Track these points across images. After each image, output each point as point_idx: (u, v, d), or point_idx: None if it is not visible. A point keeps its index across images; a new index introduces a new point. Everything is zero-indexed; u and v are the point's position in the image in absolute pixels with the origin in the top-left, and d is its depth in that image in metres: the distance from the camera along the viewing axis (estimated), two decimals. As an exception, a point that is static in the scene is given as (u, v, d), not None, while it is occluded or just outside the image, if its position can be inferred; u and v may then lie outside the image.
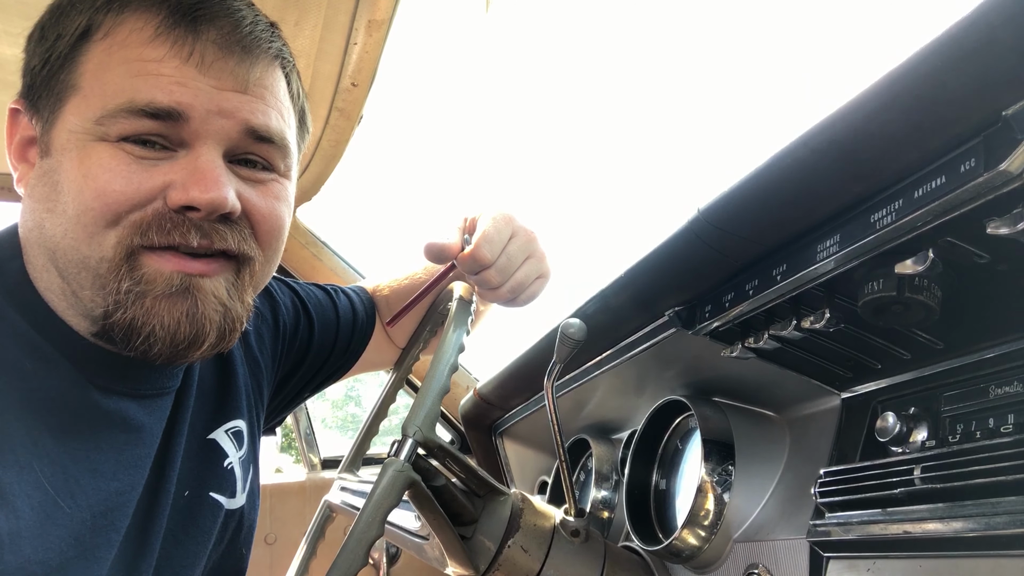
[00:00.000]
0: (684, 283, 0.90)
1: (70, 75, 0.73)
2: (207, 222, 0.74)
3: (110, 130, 0.71)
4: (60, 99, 0.73)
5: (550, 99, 30.69)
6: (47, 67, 0.73)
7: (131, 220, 0.71)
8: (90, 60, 0.73)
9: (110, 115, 0.70)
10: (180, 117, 0.72)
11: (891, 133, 0.60)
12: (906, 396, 0.78)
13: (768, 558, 0.86)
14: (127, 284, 0.71)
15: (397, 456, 0.81)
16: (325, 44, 1.31)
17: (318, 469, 3.10)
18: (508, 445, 1.75)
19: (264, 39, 0.78)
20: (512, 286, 1.00)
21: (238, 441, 0.99)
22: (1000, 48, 0.51)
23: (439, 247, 0.97)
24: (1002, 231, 0.56)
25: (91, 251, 0.71)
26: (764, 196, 0.73)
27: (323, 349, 1.17)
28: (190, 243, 0.73)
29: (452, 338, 0.93)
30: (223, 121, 0.74)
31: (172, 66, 0.72)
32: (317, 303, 1.18)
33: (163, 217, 0.72)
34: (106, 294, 0.72)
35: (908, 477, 0.68)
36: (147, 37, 0.72)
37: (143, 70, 0.71)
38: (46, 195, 0.73)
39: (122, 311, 0.72)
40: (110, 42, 0.73)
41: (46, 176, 0.73)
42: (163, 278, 0.73)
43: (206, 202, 0.72)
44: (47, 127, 0.74)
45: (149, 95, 0.70)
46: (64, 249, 0.72)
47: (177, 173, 0.72)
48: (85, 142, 0.71)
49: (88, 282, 0.72)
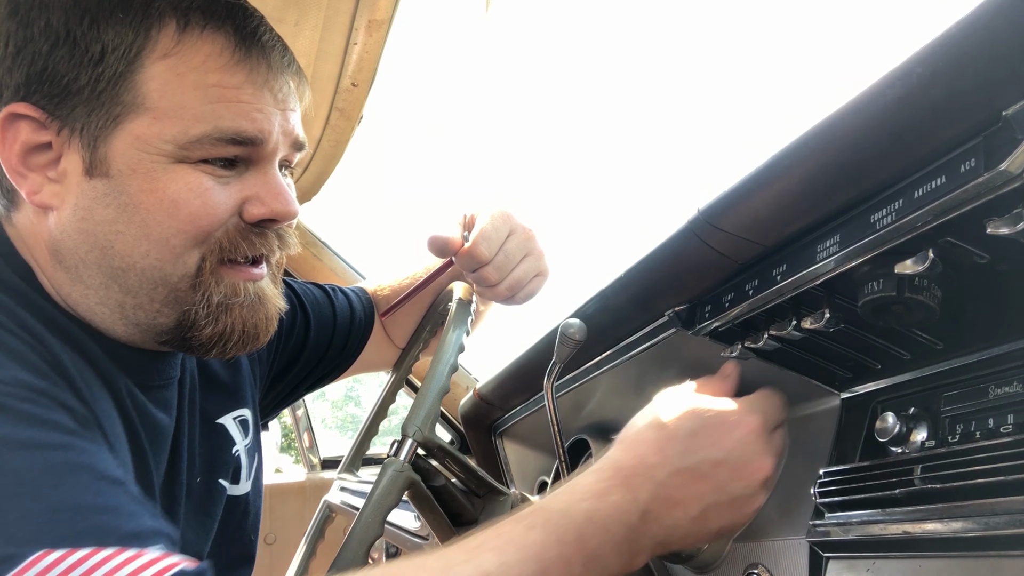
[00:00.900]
0: (684, 283, 0.90)
1: (127, 93, 0.71)
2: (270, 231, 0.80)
3: (191, 154, 0.72)
4: (116, 117, 0.72)
5: (550, 99, 30.53)
6: (94, 82, 0.71)
7: (215, 238, 0.75)
8: (153, 79, 0.72)
9: (194, 141, 0.72)
10: (260, 143, 0.75)
11: (891, 133, 0.60)
12: (906, 396, 0.78)
13: (768, 558, 0.86)
14: (217, 298, 0.76)
15: (397, 456, 0.81)
16: (325, 44, 1.31)
17: (318, 469, 3.10)
18: (508, 445, 1.75)
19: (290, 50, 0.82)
20: (510, 284, 1.00)
21: (244, 429, 1.01)
22: (1000, 48, 0.51)
23: (443, 240, 0.98)
24: (1002, 231, 0.56)
25: (174, 269, 0.75)
26: (764, 196, 0.73)
27: (319, 347, 1.17)
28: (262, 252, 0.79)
29: (452, 338, 0.93)
30: (284, 139, 0.79)
31: (250, 93, 0.74)
32: (314, 301, 1.18)
33: (244, 232, 0.77)
34: (186, 308, 0.76)
35: (908, 477, 0.68)
36: (224, 63, 0.73)
37: (224, 96, 0.73)
38: (112, 217, 0.72)
39: (212, 324, 0.77)
40: (177, 63, 0.72)
41: (107, 198, 0.72)
42: (243, 290, 0.79)
43: (285, 215, 0.79)
44: (95, 144, 0.72)
45: (236, 124, 0.73)
46: (142, 269, 0.74)
47: (250, 189, 0.77)
48: (163, 164, 0.72)
49: (162, 297, 0.76)
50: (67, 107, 0.72)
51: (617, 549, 0.67)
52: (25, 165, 0.73)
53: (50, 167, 0.74)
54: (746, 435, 0.72)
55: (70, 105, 0.72)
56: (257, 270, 0.80)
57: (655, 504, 0.69)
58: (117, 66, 0.71)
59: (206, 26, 0.74)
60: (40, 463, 0.56)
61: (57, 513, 0.53)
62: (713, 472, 0.71)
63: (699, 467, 0.71)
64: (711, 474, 0.71)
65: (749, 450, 0.72)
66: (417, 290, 1.14)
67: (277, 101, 0.77)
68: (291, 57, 0.81)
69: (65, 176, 0.73)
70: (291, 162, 0.84)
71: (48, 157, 0.73)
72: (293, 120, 0.80)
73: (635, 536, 0.68)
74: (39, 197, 0.74)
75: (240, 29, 0.75)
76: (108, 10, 0.72)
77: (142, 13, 0.72)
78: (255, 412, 1.05)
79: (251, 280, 0.80)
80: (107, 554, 0.52)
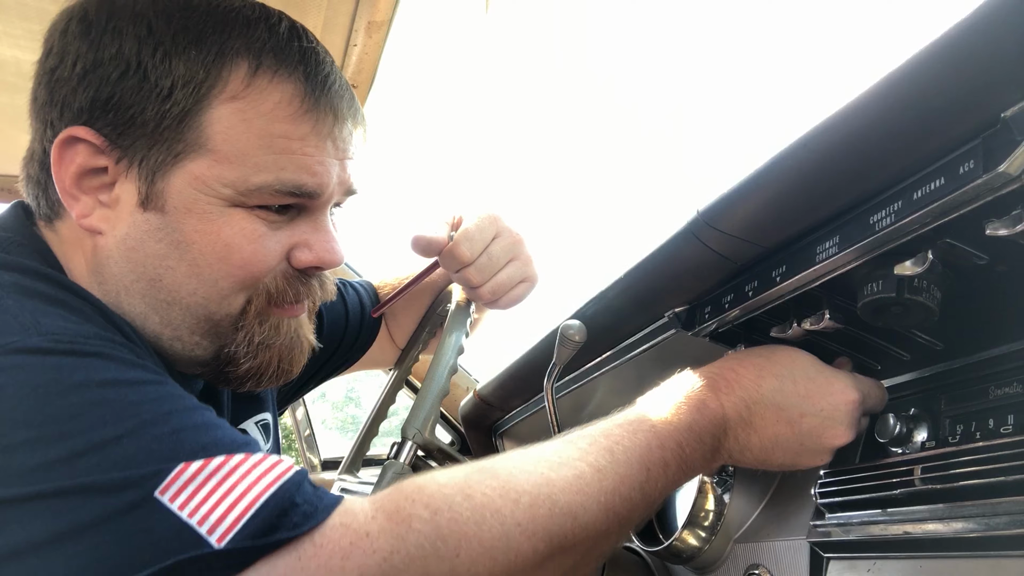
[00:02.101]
0: (684, 284, 0.90)
1: (191, 132, 0.71)
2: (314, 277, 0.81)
3: (249, 200, 0.73)
4: (177, 155, 0.71)
5: (550, 99, 30.69)
6: (160, 117, 0.70)
7: (264, 284, 0.76)
8: (219, 121, 0.71)
9: (253, 189, 0.72)
10: (318, 196, 0.76)
11: (890, 134, 0.60)
12: (906, 397, 0.78)
13: (768, 559, 0.87)
14: (259, 338, 0.78)
15: (397, 458, 0.81)
16: (325, 45, 1.31)
17: (318, 470, 3.09)
18: (508, 446, 1.75)
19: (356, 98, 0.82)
20: (493, 287, 0.98)
21: (266, 433, 1.01)
22: (999, 49, 0.51)
23: (427, 240, 0.96)
24: (1001, 232, 0.56)
25: (219, 308, 0.75)
26: (764, 197, 0.73)
27: (332, 341, 1.17)
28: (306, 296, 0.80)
29: (451, 341, 0.93)
30: (339, 188, 0.79)
31: (314, 145, 0.74)
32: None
33: (291, 278, 0.78)
34: (227, 343, 0.77)
35: (908, 478, 0.69)
36: (292, 112, 0.73)
37: (288, 148, 0.73)
38: (163, 252, 0.73)
39: (251, 360, 0.78)
40: (244, 107, 0.71)
41: (160, 232, 0.72)
42: (285, 328, 0.80)
43: (331, 263, 0.79)
44: (154, 178, 0.71)
45: (297, 178, 0.73)
46: (187, 305, 0.75)
47: (299, 236, 0.77)
48: (220, 207, 0.72)
49: (202, 331, 0.76)
50: (129, 137, 0.71)
51: (704, 456, 0.73)
52: (78, 187, 0.73)
53: (102, 191, 0.73)
54: (841, 403, 0.76)
55: (132, 136, 0.71)
56: (299, 306, 0.81)
57: (738, 424, 0.75)
58: (185, 103, 0.70)
59: (278, 71, 0.73)
60: (151, 395, 0.60)
61: (179, 433, 0.58)
62: (798, 421, 0.75)
63: (787, 411, 0.75)
64: (795, 421, 0.75)
65: (837, 416, 0.75)
66: (403, 291, 1.13)
67: (338, 151, 0.77)
68: (357, 105, 0.81)
69: (118, 203, 0.73)
70: (341, 204, 0.84)
71: (101, 181, 0.73)
72: (350, 169, 0.80)
73: (718, 446, 0.74)
74: (89, 221, 0.73)
75: (311, 76, 0.74)
76: (182, 45, 0.71)
77: (216, 52, 0.71)
78: (275, 415, 1.05)
79: (292, 316, 0.81)
80: (239, 459, 0.57)
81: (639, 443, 0.69)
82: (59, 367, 0.59)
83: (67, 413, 0.57)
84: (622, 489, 0.65)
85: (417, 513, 0.57)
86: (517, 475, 0.62)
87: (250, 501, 0.55)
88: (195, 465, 0.56)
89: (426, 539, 0.56)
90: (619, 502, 0.65)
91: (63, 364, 0.59)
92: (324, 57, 0.77)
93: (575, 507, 0.62)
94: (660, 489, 0.69)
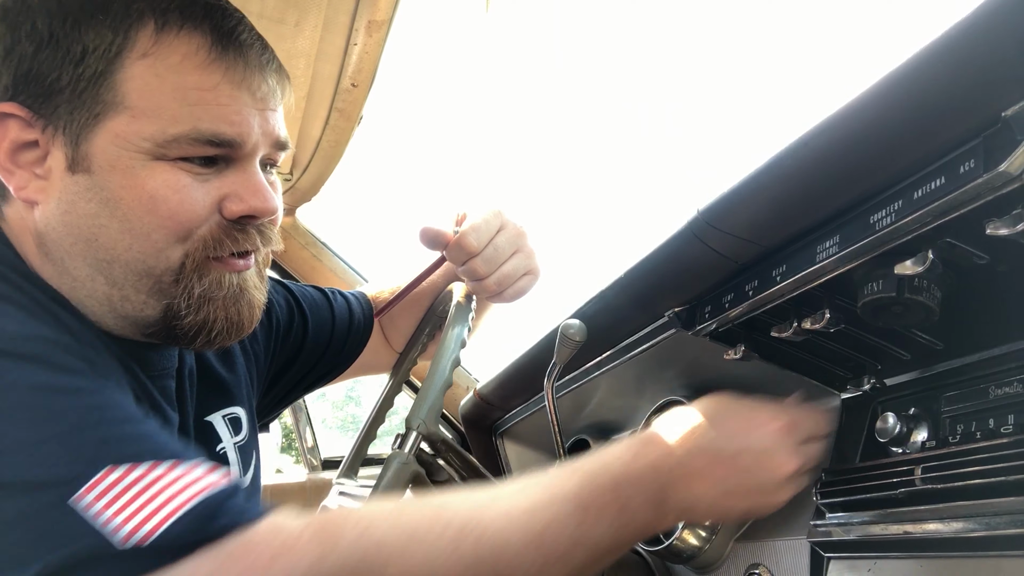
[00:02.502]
0: (684, 284, 0.90)
1: (107, 92, 0.73)
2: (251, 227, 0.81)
3: (169, 152, 0.74)
4: (96, 115, 0.74)
5: (550, 99, 30.65)
6: (75, 81, 0.73)
7: (199, 235, 0.77)
8: (133, 79, 0.74)
9: (172, 140, 0.74)
10: (239, 145, 0.77)
11: (890, 134, 0.60)
12: (906, 397, 0.78)
13: (769, 558, 0.87)
14: (199, 291, 0.78)
15: (402, 449, 0.81)
16: (325, 45, 1.31)
17: (319, 470, 3.10)
18: (508, 445, 1.75)
19: (271, 49, 0.83)
20: (498, 278, 1.00)
21: (235, 427, 1.01)
22: (1000, 49, 0.51)
23: (435, 232, 0.98)
24: (1002, 232, 0.56)
25: (157, 263, 0.77)
26: (764, 197, 0.73)
27: (317, 348, 1.17)
28: (247, 248, 0.81)
29: (453, 334, 0.93)
30: (264, 139, 0.80)
31: (228, 94, 0.76)
32: (312, 302, 1.18)
33: (227, 229, 0.79)
34: (169, 300, 0.78)
35: (908, 478, 0.68)
36: (200, 63, 0.75)
37: (202, 99, 0.75)
38: (94, 212, 0.75)
39: (193, 314, 0.79)
40: (155, 63, 0.74)
41: (89, 193, 0.75)
42: (228, 282, 0.80)
43: (264, 211, 0.80)
44: (77, 141, 0.74)
45: (214, 127, 0.75)
46: (126, 261, 0.76)
47: (229, 187, 0.78)
48: (142, 161, 0.74)
49: (147, 289, 0.78)
50: (51, 106, 0.74)
51: (649, 501, 0.72)
52: (13, 162, 0.76)
53: (37, 164, 0.76)
54: (768, 433, 0.76)
55: (54, 104, 0.74)
56: (241, 261, 0.82)
57: (679, 474, 0.74)
58: (97, 65, 0.73)
59: (183, 26, 0.75)
60: (83, 403, 0.61)
61: (107, 443, 0.59)
62: (735, 459, 0.75)
63: (721, 452, 0.75)
64: (733, 461, 0.75)
65: (771, 444, 0.76)
66: (410, 288, 1.14)
67: (256, 100, 0.78)
68: (271, 55, 0.82)
69: (50, 173, 0.76)
70: (275, 161, 0.85)
71: (35, 155, 0.76)
72: (273, 120, 0.81)
73: (664, 497, 0.73)
74: (25, 192, 0.76)
75: (217, 28, 0.77)
76: (89, 12, 0.74)
77: (122, 14, 0.74)
78: (250, 411, 1.05)
79: (236, 271, 0.82)
80: (166, 467, 0.58)
81: (575, 484, 0.70)
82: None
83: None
84: (554, 526, 0.66)
85: (347, 530, 0.60)
86: (448, 505, 0.65)
87: (173, 508, 0.56)
88: (119, 471, 0.56)
89: (354, 552, 0.59)
90: (550, 539, 0.65)
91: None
92: (232, 12, 0.80)
93: (502, 540, 0.63)
94: (604, 532, 0.69)
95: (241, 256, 0.82)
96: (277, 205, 0.82)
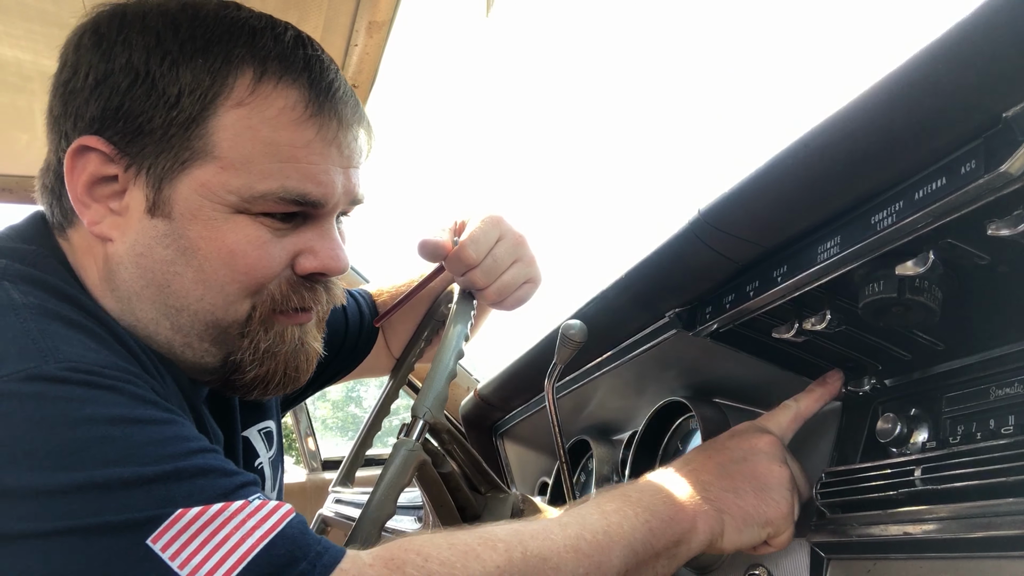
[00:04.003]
0: (685, 284, 0.90)
1: (198, 139, 0.72)
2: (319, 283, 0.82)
3: (254, 207, 0.73)
4: (184, 162, 0.72)
5: (550, 100, 30.42)
6: (167, 125, 0.71)
7: (269, 290, 0.77)
8: (225, 128, 0.72)
9: (258, 196, 0.73)
10: (323, 205, 0.77)
11: (891, 134, 0.60)
12: (907, 397, 0.78)
13: (769, 559, 0.87)
14: (264, 345, 0.79)
15: (408, 437, 0.81)
16: (325, 45, 1.30)
17: (319, 470, 3.09)
18: (509, 446, 1.75)
19: (361, 105, 0.82)
20: (498, 288, 1.00)
21: (268, 441, 1.02)
22: (1000, 50, 0.51)
23: (433, 244, 0.97)
24: (1003, 232, 0.56)
25: (226, 315, 0.76)
26: (765, 197, 0.73)
27: (331, 348, 1.17)
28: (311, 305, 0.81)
29: (456, 329, 0.93)
30: (345, 198, 0.80)
31: (319, 152, 0.75)
32: None
33: (295, 285, 0.79)
34: (232, 352, 0.79)
35: (909, 478, 0.68)
36: (296, 118, 0.73)
37: (293, 156, 0.73)
38: (170, 258, 0.74)
39: (256, 367, 0.80)
40: (250, 114, 0.72)
41: (167, 239, 0.74)
42: (290, 336, 0.81)
43: (336, 270, 0.80)
44: (160, 185, 0.73)
45: (302, 187, 0.74)
46: (195, 311, 0.76)
47: (305, 242, 0.78)
48: (224, 214, 0.73)
49: (211, 338, 0.78)
50: (138, 145, 0.72)
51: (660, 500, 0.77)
52: (90, 195, 0.74)
53: (113, 199, 0.75)
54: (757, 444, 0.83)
55: (141, 144, 0.72)
56: (305, 314, 0.82)
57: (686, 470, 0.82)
58: (191, 110, 0.71)
59: (282, 77, 0.73)
60: (157, 435, 0.61)
61: (180, 477, 0.59)
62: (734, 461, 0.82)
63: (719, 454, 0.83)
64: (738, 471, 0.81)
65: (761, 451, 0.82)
66: (409, 296, 1.14)
67: (343, 159, 0.78)
68: (362, 112, 0.81)
69: (127, 211, 0.74)
70: (348, 213, 0.85)
71: (112, 189, 0.74)
72: (356, 178, 0.81)
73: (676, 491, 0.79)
74: (100, 228, 0.75)
75: (315, 83, 0.75)
76: (189, 53, 0.72)
77: (222, 59, 0.72)
78: (278, 423, 1.06)
79: (298, 324, 0.82)
80: (236, 507, 0.59)
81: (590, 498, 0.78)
82: (70, 398, 0.59)
83: (70, 448, 0.57)
84: (586, 533, 0.70)
85: (411, 559, 0.62)
86: (491, 529, 0.69)
87: (243, 553, 0.57)
88: (192, 513, 0.57)
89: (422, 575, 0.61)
90: (586, 543, 0.70)
91: (74, 395, 0.60)
92: (329, 65, 0.78)
93: (545, 549, 0.68)
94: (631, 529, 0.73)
95: (304, 310, 0.81)
96: (348, 264, 0.82)
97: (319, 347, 0.86)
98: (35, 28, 1.16)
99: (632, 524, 0.73)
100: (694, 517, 0.76)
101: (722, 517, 0.78)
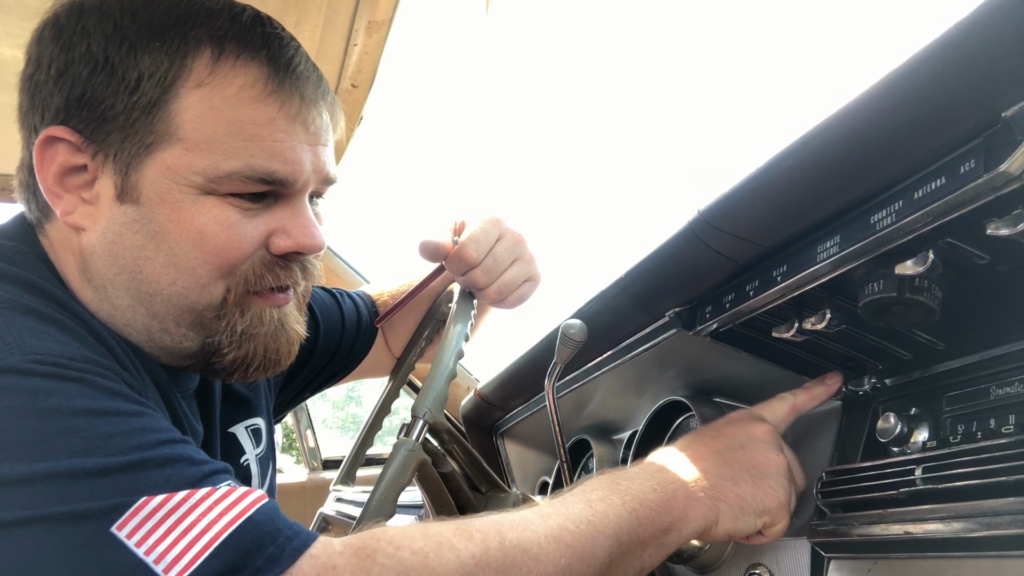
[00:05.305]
0: (684, 284, 0.90)
1: (161, 122, 0.72)
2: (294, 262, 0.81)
3: (220, 187, 0.73)
4: (148, 146, 0.72)
5: (550, 100, 30.45)
6: (129, 109, 0.71)
7: (242, 271, 0.77)
8: (187, 109, 0.72)
9: (224, 176, 0.72)
10: (291, 183, 0.76)
11: (891, 134, 0.60)
12: (907, 396, 0.78)
13: (769, 558, 0.87)
14: (241, 327, 0.78)
15: (408, 437, 0.81)
16: (325, 45, 1.31)
17: (319, 470, 3.10)
18: (509, 445, 1.75)
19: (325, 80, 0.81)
20: (499, 287, 1.00)
21: (256, 439, 1.02)
22: (1000, 49, 0.51)
23: (434, 244, 0.98)
24: (1002, 232, 0.56)
25: (200, 298, 0.76)
26: (764, 197, 0.73)
27: (327, 350, 1.17)
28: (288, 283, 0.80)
29: (457, 329, 0.94)
30: (315, 176, 0.79)
31: (283, 129, 0.74)
32: (323, 304, 1.18)
33: (269, 264, 0.78)
34: (210, 334, 0.78)
35: (909, 478, 0.68)
36: (256, 95, 0.73)
37: (256, 134, 0.73)
38: (140, 244, 0.74)
39: (235, 350, 0.79)
40: (211, 94, 0.72)
41: (137, 224, 0.73)
42: (269, 318, 0.80)
43: (311, 248, 0.79)
44: (127, 170, 0.72)
45: (267, 164, 0.73)
46: (169, 295, 0.75)
47: (277, 222, 0.78)
48: (192, 196, 0.73)
49: (187, 323, 0.77)
50: (103, 132, 0.72)
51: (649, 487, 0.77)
52: (61, 186, 0.74)
53: (84, 189, 0.75)
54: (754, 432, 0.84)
55: (106, 130, 0.72)
56: (281, 296, 0.81)
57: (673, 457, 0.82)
58: (152, 93, 0.71)
59: (240, 55, 0.73)
60: (123, 427, 0.61)
61: (146, 466, 0.59)
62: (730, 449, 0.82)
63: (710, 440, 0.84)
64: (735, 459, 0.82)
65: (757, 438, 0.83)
66: (410, 297, 1.14)
67: (309, 136, 0.77)
68: (326, 88, 0.81)
69: (98, 199, 0.74)
70: (321, 194, 0.84)
71: (83, 179, 0.74)
72: (324, 155, 0.80)
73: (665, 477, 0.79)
74: (72, 218, 0.75)
75: (274, 59, 0.75)
76: (146, 38, 0.72)
77: (178, 41, 0.72)
78: (269, 421, 1.05)
79: (276, 306, 0.81)
80: (203, 493, 0.59)
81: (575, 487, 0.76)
82: (35, 390, 0.60)
83: (36, 438, 0.58)
84: (568, 523, 0.70)
85: (382, 548, 0.61)
86: (469, 520, 0.68)
87: (209, 539, 0.57)
88: (157, 500, 0.57)
89: (392, 565, 0.60)
90: (568, 533, 0.69)
91: (40, 387, 0.60)
92: (288, 42, 0.78)
93: (524, 540, 0.67)
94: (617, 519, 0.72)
95: (281, 290, 0.80)
96: (324, 242, 0.81)
97: (301, 330, 0.86)
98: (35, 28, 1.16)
99: (618, 513, 0.72)
100: (686, 505, 0.76)
101: (717, 505, 0.77)
